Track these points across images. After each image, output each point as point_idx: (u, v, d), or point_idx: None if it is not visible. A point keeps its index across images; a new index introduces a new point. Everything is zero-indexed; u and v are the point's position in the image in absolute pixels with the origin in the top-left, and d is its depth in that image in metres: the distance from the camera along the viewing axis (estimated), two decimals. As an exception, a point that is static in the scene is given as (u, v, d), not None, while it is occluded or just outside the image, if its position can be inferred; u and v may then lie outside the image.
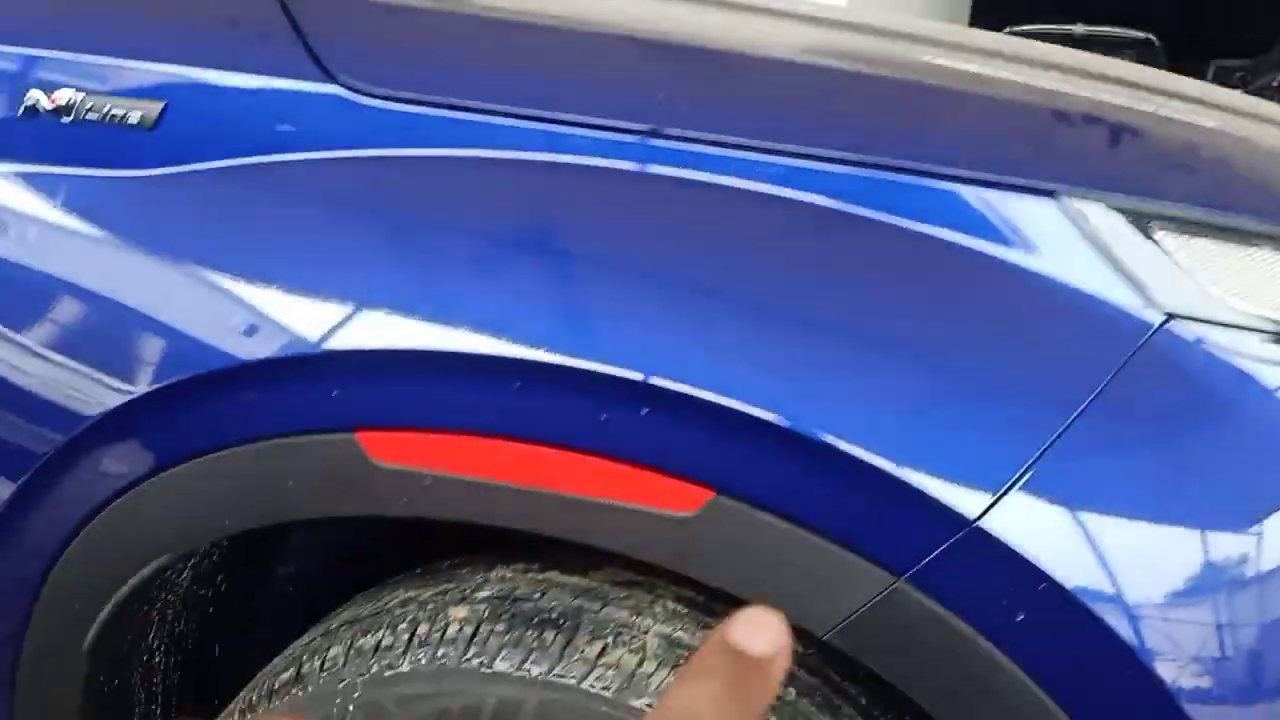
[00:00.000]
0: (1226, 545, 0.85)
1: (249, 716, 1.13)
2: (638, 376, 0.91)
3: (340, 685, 1.09)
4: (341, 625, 1.16)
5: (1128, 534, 0.86)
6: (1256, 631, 0.85)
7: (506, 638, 1.05)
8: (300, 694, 1.11)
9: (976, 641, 0.88)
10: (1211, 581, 0.84)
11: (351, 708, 1.08)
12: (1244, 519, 0.85)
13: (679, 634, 1.07)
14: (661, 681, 1.01)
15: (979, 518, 0.85)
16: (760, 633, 0.40)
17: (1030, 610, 0.86)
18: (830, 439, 0.88)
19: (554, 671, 1.03)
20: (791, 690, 1.05)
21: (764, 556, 0.91)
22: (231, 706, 1.16)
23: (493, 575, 1.15)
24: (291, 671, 1.13)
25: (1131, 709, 0.86)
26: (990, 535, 0.85)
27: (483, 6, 1.13)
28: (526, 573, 1.15)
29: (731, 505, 0.91)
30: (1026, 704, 0.88)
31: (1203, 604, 0.84)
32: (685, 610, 1.10)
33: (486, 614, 1.08)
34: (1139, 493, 0.87)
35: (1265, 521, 0.85)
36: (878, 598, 0.89)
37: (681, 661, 1.03)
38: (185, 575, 1.25)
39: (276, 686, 1.14)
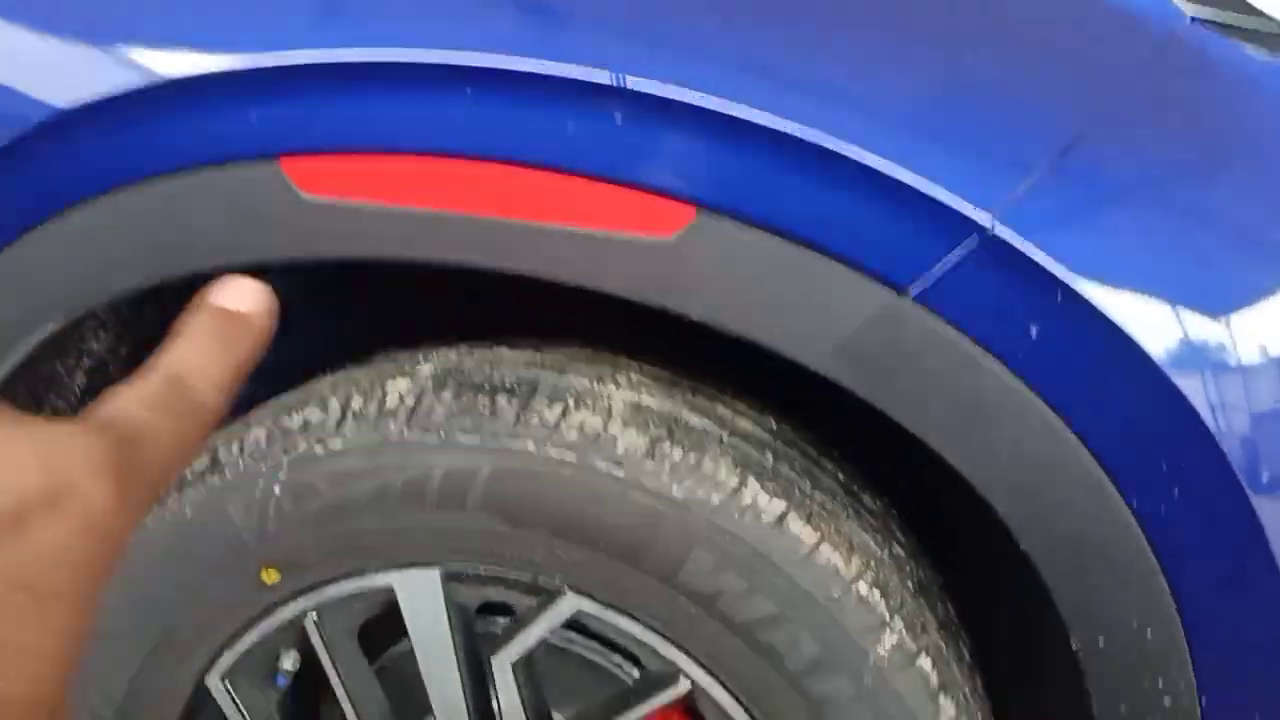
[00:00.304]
0: (1255, 249, 0.79)
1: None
2: (610, 78, 0.80)
3: (264, 468, 0.96)
4: (262, 410, 1.03)
5: (1152, 240, 0.79)
6: (1281, 342, 0.79)
7: (454, 405, 0.94)
8: (217, 481, 0.98)
9: (983, 361, 0.80)
10: (1242, 285, 0.78)
11: (278, 490, 0.96)
12: (1273, 219, 0.79)
13: (646, 400, 0.97)
14: (630, 443, 0.92)
15: (995, 224, 0.77)
16: (240, 293, 0.46)
17: (1045, 324, 0.79)
18: (829, 141, 0.78)
19: (510, 436, 0.92)
20: (769, 455, 0.97)
21: (753, 279, 0.81)
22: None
23: (435, 355, 1.03)
24: (205, 459, 1.00)
25: (1150, 425, 0.80)
26: (1007, 243, 0.77)
27: None
28: (473, 352, 1.03)
29: (716, 224, 0.81)
30: (1033, 424, 0.81)
31: (1228, 310, 0.78)
32: (650, 380, 1.01)
33: (430, 385, 0.97)
34: (1163, 197, 0.80)
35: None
36: (878, 317, 0.80)
37: (651, 425, 0.94)
38: (83, 369, 1.10)
39: (188, 477, 1.01)
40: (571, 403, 0.94)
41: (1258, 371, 0.79)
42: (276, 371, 1.35)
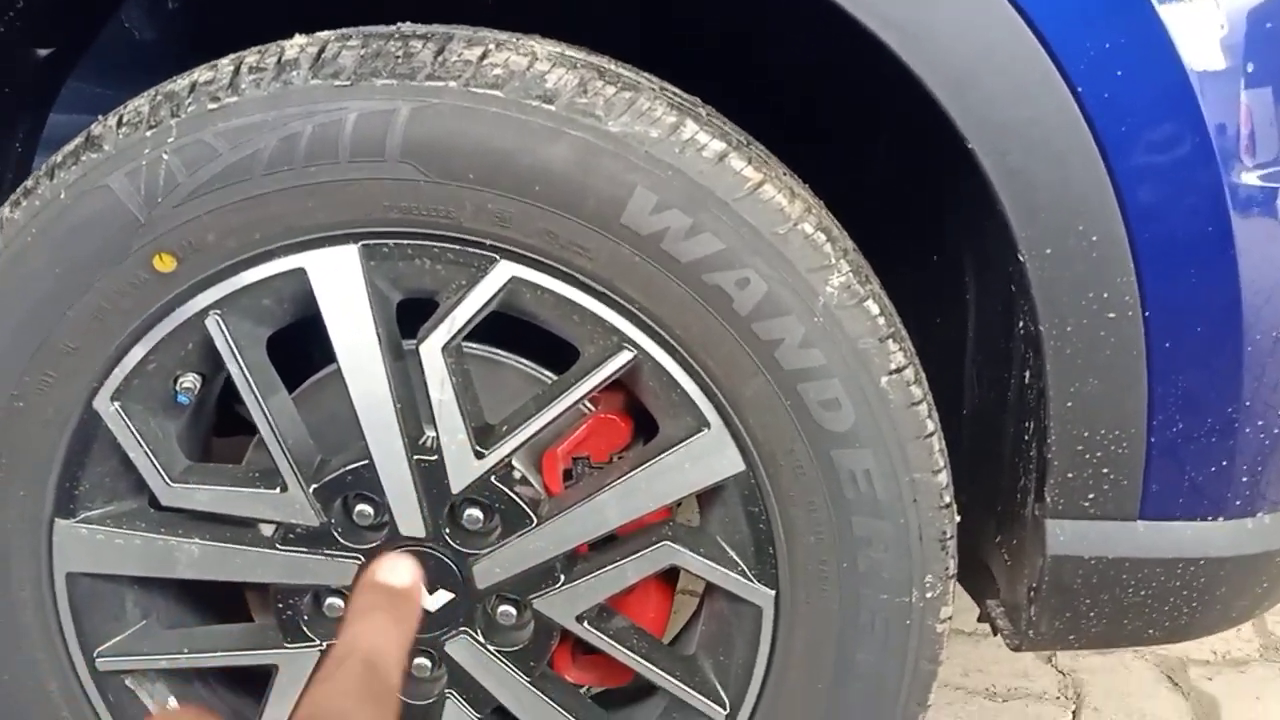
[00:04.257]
0: None
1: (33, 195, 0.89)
2: None
3: (149, 134, 0.87)
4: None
5: None
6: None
7: (364, 51, 0.86)
8: (95, 155, 0.87)
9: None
10: None
11: (168, 156, 0.86)
12: None
13: (570, 52, 0.91)
14: (560, 79, 0.86)
15: None
16: (399, 570, 0.54)
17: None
18: None
19: (428, 77, 0.85)
20: (702, 111, 0.92)
21: None
22: (14, 196, 0.91)
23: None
24: (79, 139, 0.90)
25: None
26: None
27: None
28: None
29: None
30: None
31: None
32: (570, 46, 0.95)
33: (333, 38, 0.89)
34: None
35: None
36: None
37: (579, 66, 0.88)
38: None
39: (60, 160, 0.90)
40: (492, 46, 0.87)
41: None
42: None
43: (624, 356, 0.92)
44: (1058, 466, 0.93)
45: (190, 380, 0.96)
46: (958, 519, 0.96)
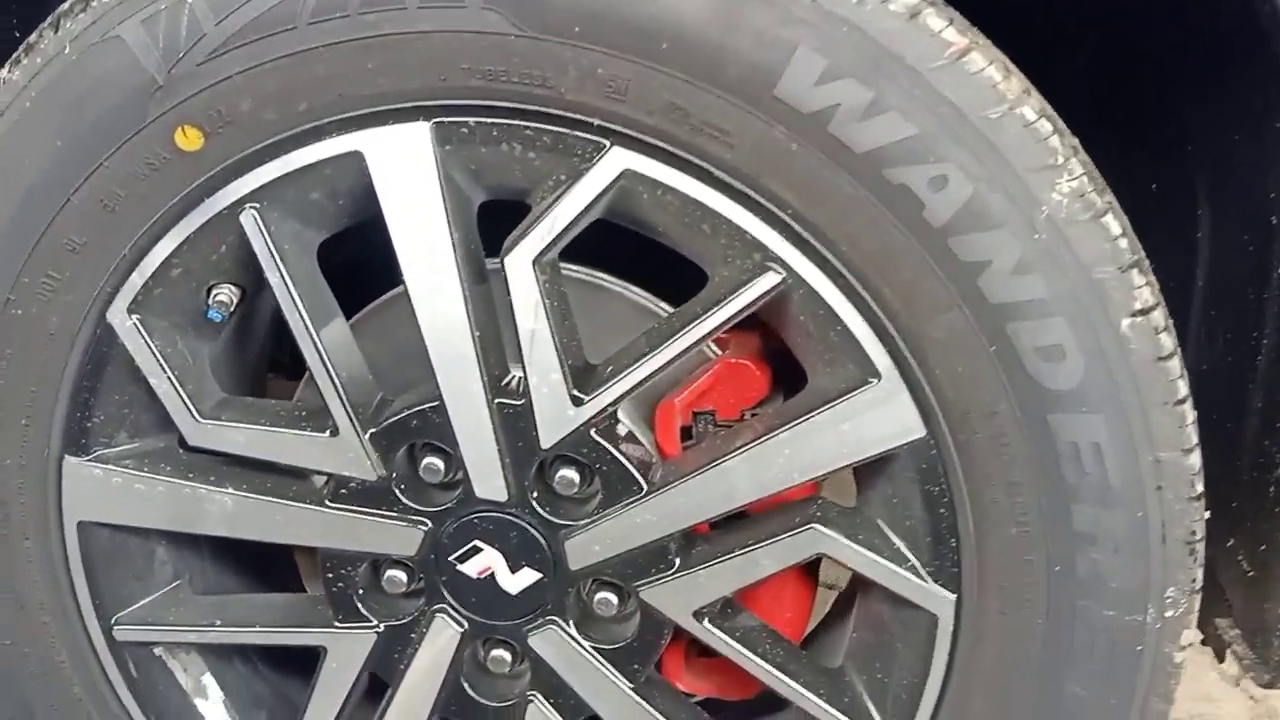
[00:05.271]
0: None
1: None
2: None
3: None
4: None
5: None
6: None
7: None
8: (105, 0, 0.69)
9: None
10: None
11: (189, -5, 0.67)
12: None
13: None
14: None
15: None
16: None
17: None
18: None
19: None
20: None
21: None
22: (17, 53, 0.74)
23: None
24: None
25: None
26: None
27: None
28: None
29: None
30: None
31: None
32: None
33: None
34: None
35: None
36: None
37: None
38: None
39: (67, 7, 0.72)
40: None
41: None
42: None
43: (768, 280, 0.70)
44: (1355, 455, 0.69)
45: (226, 293, 0.77)
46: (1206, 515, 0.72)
